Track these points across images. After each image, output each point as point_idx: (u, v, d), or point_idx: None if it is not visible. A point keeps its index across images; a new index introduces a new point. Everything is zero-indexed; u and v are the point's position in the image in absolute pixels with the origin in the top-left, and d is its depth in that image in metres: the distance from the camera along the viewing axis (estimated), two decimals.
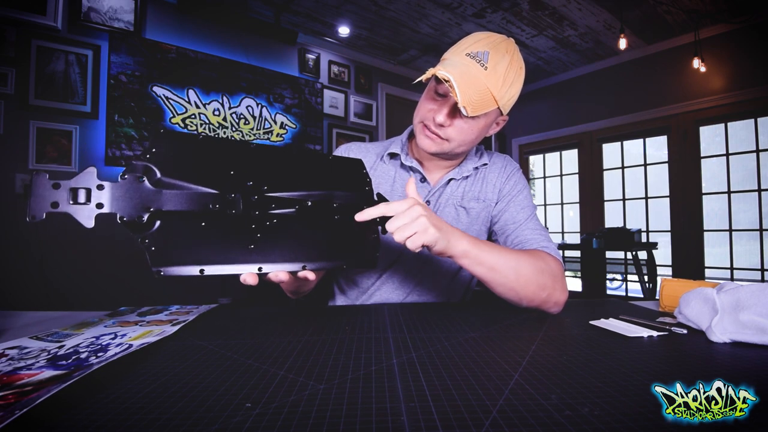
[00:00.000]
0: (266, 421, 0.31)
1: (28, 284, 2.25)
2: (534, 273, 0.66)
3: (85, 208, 0.42)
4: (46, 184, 0.41)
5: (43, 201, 0.41)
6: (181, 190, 0.46)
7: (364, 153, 0.91)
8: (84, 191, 0.42)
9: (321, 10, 3.08)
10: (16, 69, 2.22)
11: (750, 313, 0.50)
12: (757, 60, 3.06)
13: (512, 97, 0.74)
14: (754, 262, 3.19)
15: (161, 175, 0.45)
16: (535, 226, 0.80)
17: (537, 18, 3.16)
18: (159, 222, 0.44)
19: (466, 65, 0.68)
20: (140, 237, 0.43)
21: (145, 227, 0.44)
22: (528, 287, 0.66)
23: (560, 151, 4.44)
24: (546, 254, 0.72)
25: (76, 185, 0.42)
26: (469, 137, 0.75)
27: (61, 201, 0.42)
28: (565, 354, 0.47)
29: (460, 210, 0.84)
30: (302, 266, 0.52)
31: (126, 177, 0.44)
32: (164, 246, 0.44)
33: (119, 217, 0.43)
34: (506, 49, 0.71)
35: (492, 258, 0.64)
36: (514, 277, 0.65)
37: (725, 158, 3.30)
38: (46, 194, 0.41)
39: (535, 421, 0.30)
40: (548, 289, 0.67)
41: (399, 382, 0.38)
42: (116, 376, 0.40)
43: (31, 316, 0.69)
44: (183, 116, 2.73)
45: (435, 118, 0.73)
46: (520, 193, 0.85)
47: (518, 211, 0.82)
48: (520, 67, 0.73)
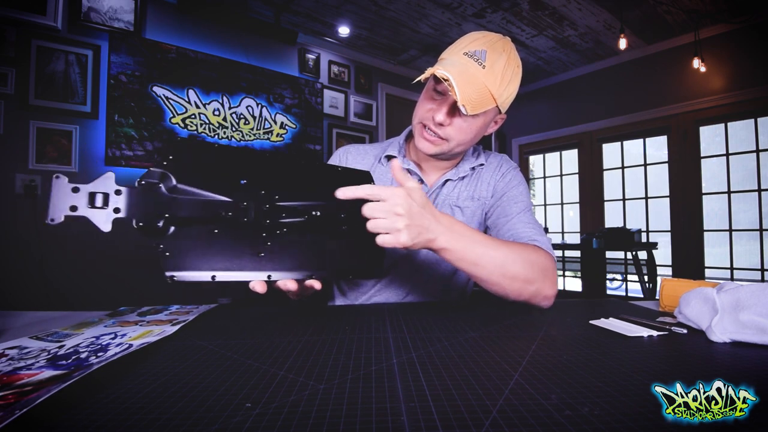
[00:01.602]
0: (266, 421, 0.31)
1: (28, 284, 2.25)
2: (522, 267, 0.64)
3: (102, 212, 0.43)
4: (66, 188, 0.42)
5: (62, 204, 0.42)
6: (196, 198, 0.47)
7: (362, 155, 0.91)
8: (102, 196, 0.43)
9: (321, 10, 3.08)
10: (16, 69, 2.22)
11: (750, 313, 0.50)
12: (757, 60, 3.06)
13: (510, 96, 0.74)
14: (754, 262, 3.19)
15: (177, 182, 0.46)
16: (528, 220, 0.79)
17: (537, 18, 3.16)
18: (173, 228, 0.45)
19: (464, 64, 0.69)
20: (155, 242, 0.44)
21: (160, 233, 0.44)
22: (515, 282, 0.64)
23: (560, 151, 4.44)
24: (536, 247, 0.70)
25: (94, 189, 0.43)
26: (467, 136, 0.75)
27: (80, 205, 0.42)
28: (565, 354, 0.47)
29: (455, 210, 0.84)
30: (310, 275, 0.53)
31: (143, 183, 0.44)
32: (178, 252, 0.45)
33: (135, 222, 0.44)
34: (503, 48, 0.71)
35: (476, 253, 0.60)
36: (500, 272, 0.62)
37: (725, 158, 3.30)
38: (65, 197, 0.42)
39: (535, 421, 0.30)
40: (537, 283, 0.65)
41: (399, 382, 0.38)
42: (116, 376, 0.40)
43: (31, 316, 0.69)
44: (183, 116, 2.73)
45: (434, 117, 0.73)
46: (514, 188, 0.84)
47: (510, 204, 0.81)
48: (517, 66, 0.73)
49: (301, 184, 0.54)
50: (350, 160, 0.91)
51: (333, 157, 0.93)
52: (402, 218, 0.52)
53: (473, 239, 0.61)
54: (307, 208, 0.53)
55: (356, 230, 0.56)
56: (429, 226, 0.55)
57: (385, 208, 0.52)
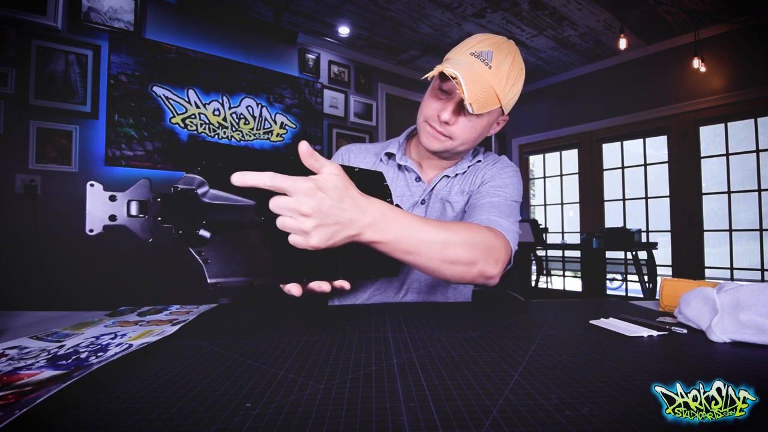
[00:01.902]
0: (266, 421, 0.31)
1: (28, 284, 2.25)
2: (463, 250, 0.59)
3: (142, 220, 0.42)
4: (103, 196, 0.41)
5: (100, 213, 0.41)
6: (230, 203, 0.46)
7: (364, 153, 0.92)
8: (140, 203, 0.42)
9: (321, 10, 3.08)
10: (16, 69, 2.22)
11: (750, 313, 0.50)
12: (757, 60, 3.06)
13: (514, 97, 0.75)
14: (754, 262, 3.19)
15: (210, 188, 0.45)
16: (499, 207, 0.73)
17: (537, 18, 3.16)
18: (211, 234, 0.44)
19: (471, 64, 0.69)
20: (197, 250, 0.43)
21: (201, 240, 0.44)
22: (455, 266, 0.59)
23: (560, 151, 4.44)
24: (484, 228, 0.65)
25: (132, 197, 0.42)
26: (472, 135, 0.76)
27: (118, 213, 0.41)
28: (565, 354, 0.47)
29: (446, 204, 0.85)
30: (339, 276, 0.53)
31: (179, 189, 0.43)
32: (217, 258, 0.44)
33: (175, 230, 0.43)
34: (509, 50, 0.72)
35: (410, 242, 0.54)
36: (439, 257, 0.57)
37: (725, 158, 3.30)
38: (102, 206, 0.41)
39: (535, 421, 0.30)
40: (479, 264, 0.60)
41: (399, 382, 0.38)
42: (116, 376, 0.40)
43: (31, 316, 0.69)
44: (183, 116, 2.73)
45: (440, 115, 0.73)
46: (499, 179, 0.80)
47: (486, 195, 0.77)
48: (521, 68, 0.74)
49: None
50: (352, 159, 0.91)
51: (335, 156, 0.93)
52: (309, 219, 0.45)
53: (407, 225, 0.54)
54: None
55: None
56: (349, 221, 0.48)
57: (290, 205, 0.45)
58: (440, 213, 0.85)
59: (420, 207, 0.85)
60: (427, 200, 0.85)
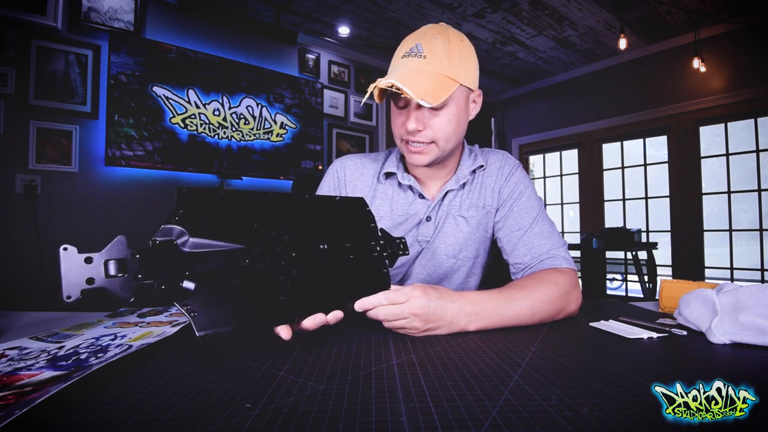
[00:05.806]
0: (266, 421, 0.31)
1: (28, 284, 2.25)
2: (549, 306, 0.65)
3: (122, 280, 0.39)
4: (77, 259, 0.38)
5: (76, 278, 0.38)
6: (212, 249, 0.44)
7: (360, 170, 0.88)
8: (118, 262, 0.39)
9: (321, 10, 3.08)
10: (16, 69, 2.22)
11: (750, 314, 0.50)
12: (757, 60, 3.06)
13: (470, 70, 0.73)
14: (754, 262, 3.19)
15: (190, 236, 0.43)
16: (542, 230, 0.77)
17: (537, 18, 3.16)
18: (195, 285, 0.42)
19: (405, 64, 0.69)
20: (182, 304, 0.41)
21: (186, 293, 0.42)
22: (544, 318, 0.65)
23: (560, 151, 4.44)
24: (556, 272, 0.70)
25: (109, 257, 0.39)
26: (449, 128, 0.73)
27: (96, 276, 0.39)
28: (564, 355, 0.47)
29: (459, 219, 0.82)
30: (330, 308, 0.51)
31: (158, 242, 0.42)
32: (204, 309, 0.42)
33: (157, 286, 0.41)
34: (437, 32, 0.71)
35: (504, 319, 0.61)
36: (530, 319, 0.63)
37: (725, 158, 3.30)
38: (78, 270, 0.38)
39: (534, 422, 0.30)
40: (562, 311, 0.67)
41: (399, 383, 0.38)
42: (116, 376, 0.40)
43: (31, 317, 0.69)
44: (183, 116, 2.73)
45: (407, 127, 0.71)
46: (522, 194, 0.81)
47: (522, 215, 0.79)
48: (460, 40, 0.72)
49: (305, 220, 0.54)
50: (348, 176, 0.88)
51: (329, 171, 0.89)
52: (418, 320, 0.54)
53: (497, 306, 0.61)
54: (315, 244, 0.52)
55: (362, 255, 0.56)
56: (451, 319, 0.56)
57: (397, 313, 0.53)
58: (454, 229, 0.82)
59: (426, 224, 0.82)
60: (433, 217, 0.82)
